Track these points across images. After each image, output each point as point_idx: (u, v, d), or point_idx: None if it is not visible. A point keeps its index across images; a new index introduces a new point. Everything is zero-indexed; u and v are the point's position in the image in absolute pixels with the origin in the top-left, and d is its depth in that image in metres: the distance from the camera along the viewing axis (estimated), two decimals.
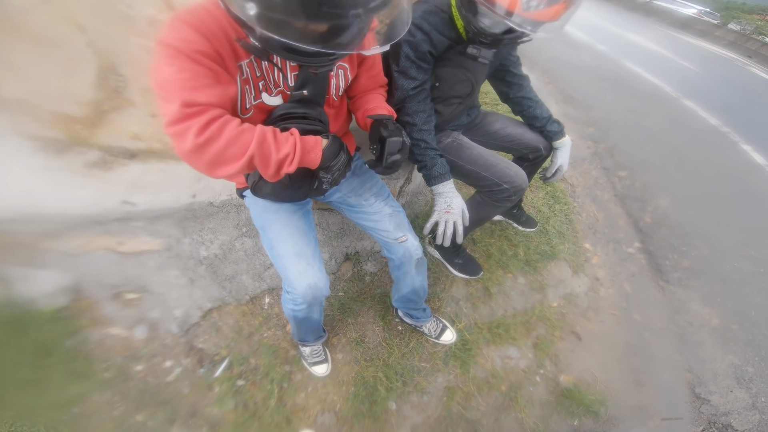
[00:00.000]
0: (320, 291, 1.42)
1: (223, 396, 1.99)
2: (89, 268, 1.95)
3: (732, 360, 2.75)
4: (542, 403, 2.34)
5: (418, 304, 1.91)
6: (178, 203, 1.79)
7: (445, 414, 2.20)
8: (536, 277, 2.32)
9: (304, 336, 1.93)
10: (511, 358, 2.30)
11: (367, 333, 2.15)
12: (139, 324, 2.03)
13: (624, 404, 2.50)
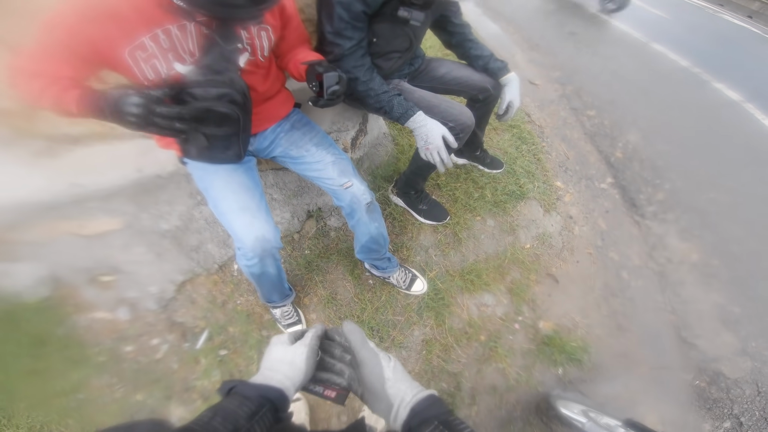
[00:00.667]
0: (269, 243, 1.39)
1: (209, 367, 1.97)
2: (60, 256, 1.91)
3: (716, 299, 2.68)
4: (523, 351, 2.30)
5: (381, 252, 1.85)
6: (126, 179, 1.75)
7: (426, 368, 2.18)
8: (506, 218, 2.22)
9: (269, 296, 1.88)
10: (487, 305, 2.26)
11: (338, 290, 2.11)
12: (120, 305, 2.00)
13: (607, 351, 2.45)
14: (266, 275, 1.63)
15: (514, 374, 2.31)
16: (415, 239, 2.07)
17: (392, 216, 2.02)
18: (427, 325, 2.17)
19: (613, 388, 2.51)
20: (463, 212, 2.14)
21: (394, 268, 2.01)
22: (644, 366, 2.58)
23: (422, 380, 2.19)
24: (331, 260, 2.04)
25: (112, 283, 2.02)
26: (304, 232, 2.00)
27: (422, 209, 2.01)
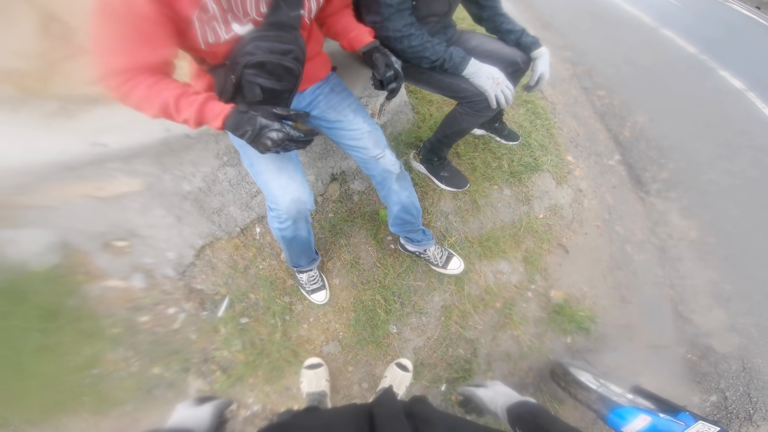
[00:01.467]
0: (304, 204, 1.36)
1: (230, 337, 1.92)
2: (72, 220, 1.80)
3: (710, 276, 2.74)
4: (536, 320, 2.30)
5: (415, 224, 1.80)
6: (151, 138, 1.65)
7: (445, 334, 2.18)
8: (521, 188, 2.23)
9: (296, 260, 1.83)
10: (503, 272, 2.24)
11: (361, 254, 2.06)
12: (134, 272, 1.91)
13: (612, 321, 2.48)
14: (298, 239, 1.59)
15: (527, 342, 2.36)
16: (436, 205, 2.05)
17: (414, 182, 1.94)
18: (447, 291, 2.15)
19: (616, 358, 2.57)
20: (481, 181, 2.13)
21: (429, 241, 1.94)
22: (644, 338, 2.65)
23: (440, 346, 2.23)
24: (354, 224, 1.99)
25: (127, 248, 1.91)
26: (328, 195, 1.95)
27: (443, 176, 2.00)
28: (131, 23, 0.90)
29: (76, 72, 1.58)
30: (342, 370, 2.09)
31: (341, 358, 2.09)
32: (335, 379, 2.06)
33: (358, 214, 2.00)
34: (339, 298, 2.07)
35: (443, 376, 2.23)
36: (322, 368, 1.98)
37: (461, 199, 2.07)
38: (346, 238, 2.00)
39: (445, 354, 2.20)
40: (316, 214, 1.97)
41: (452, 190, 2.06)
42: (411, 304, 2.11)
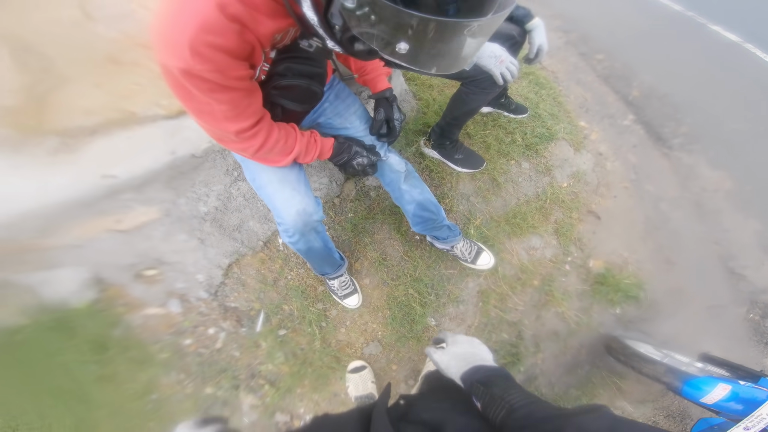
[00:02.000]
0: (310, 216, 1.24)
1: (271, 350, 1.81)
2: (100, 256, 1.73)
3: (755, 226, 2.47)
4: (578, 293, 2.09)
5: (437, 220, 1.64)
6: (158, 163, 1.57)
7: (485, 320, 1.98)
8: (539, 159, 2.06)
9: (321, 269, 1.71)
10: (536, 248, 2.05)
11: (387, 250, 1.91)
12: (170, 298, 1.83)
13: (661, 286, 2.25)
14: (313, 250, 1.45)
15: (573, 317, 2.12)
16: (455, 189, 1.89)
17: (429, 169, 1.86)
18: (481, 275, 1.97)
19: (672, 325, 2.29)
20: (497, 158, 1.97)
21: (456, 236, 1.77)
22: (699, 301, 2.37)
23: (483, 333, 2.01)
24: (376, 220, 1.86)
25: (158, 276, 1.83)
26: (345, 195, 1.84)
27: (458, 158, 1.86)
28: (237, 88, 0.84)
29: (66, 103, 1.48)
30: (386, 370, 1.92)
31: (383, 357, 1.92)
32: (381, 379, 1.90)
33: (377, 210, 1.87)
34: (372, 298, 1.91)
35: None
36: (366, 370, 1.82)
37: (480, 179, 1.90)
38: (369, 236, 1.85)
39: (488, 340, 1.99)
40: (336, 216, 1.83)
41: (469, 171, 1.93)
42: (446, 294, 1.92)
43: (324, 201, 1.80)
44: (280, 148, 1.07)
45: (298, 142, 1.11)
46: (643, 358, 1.90)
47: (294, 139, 1.10)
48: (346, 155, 1.22)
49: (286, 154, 1.10)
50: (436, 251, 1.91)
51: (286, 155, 1.10)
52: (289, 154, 1.10)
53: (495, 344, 2.01)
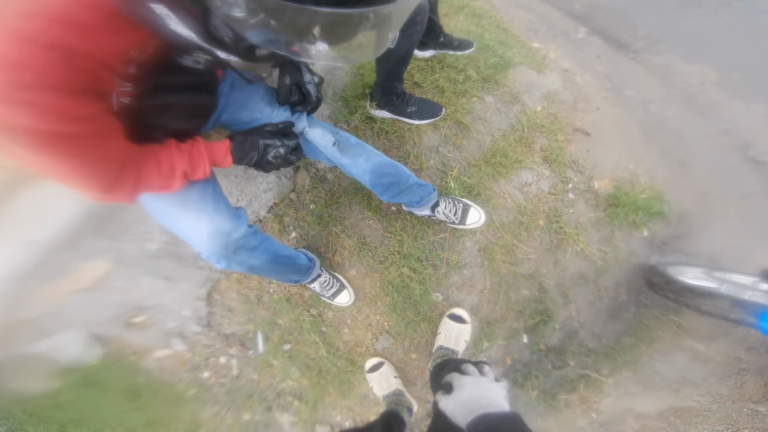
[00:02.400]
0: (227, 236, 0.75)
1: (284, 367, 1.27)
2: (81, 316, 1.26)
3: (760, 109, 1.67)
4: (593, 222, 1.34)
5: (401, 182, 1.03)
6: (74, 215, 1.08)
7: (498, 280, 1.25)
8: (502, 90, 1.37)
9: (287, 279, 1.10)
10: (529, 184, 1.33)
11: (364, 232, 1.25)
12: (170, 338, 1.33)
13: (683, 194, 1.47)
14: (256, 268, 0.87)
15: (596, 253, 1.35)
16: (419, 144, 1.25)
17: (383, 131, 1.24)
18: (476, 231, 1.27)
19: (713, 237, 1.43)
20: (455, 99, 1.31)
21: (430, 194, 1.12)
22: (729, 200, 1.59)
23: (500, 295, 1.33)
24: (341, 204, 1.23)
25: (147, 321, 1.31)
26: (300, 187, 1.23)
27: (412, 111, 1.25)
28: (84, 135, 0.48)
29: None
30: (406, 361, 1.28)
31: (399, 348, 1.28)
32: (403, 372, 1.28)
33: (339, 192, 1.24)
34: (365, 289, 1.27)
35: (518, 326, 1.31)
36: (384, 366, 1.23)
37: (443, 126, 1.25)
38: (339, 223, 1.24)
39: (508, 302, 1.29)
40: (297, 212, 1.22)
41: (428, 121, 1.28)
42: (443, 263, 1.26)
43: (279, 200, 1.22)
44: (156, 179, 0.64)
45: (177, 161, 0.65)
46: (696, 291, 1.14)
47: (171, 159, 0.65)
48: (255, 153, 0.76)
49: (169, 179, 0.65)
50: (419, 219, 1.25)
51: (170, 179, 0.65)
52: (171, 177, 0.65)
53: (516, 305, 1.32)
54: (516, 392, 1.37)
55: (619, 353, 1.41)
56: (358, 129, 1.21)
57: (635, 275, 1.43)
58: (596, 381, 1.40)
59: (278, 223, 1.22)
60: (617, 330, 1.44)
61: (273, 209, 1.21)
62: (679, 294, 1.24)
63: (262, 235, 0.82)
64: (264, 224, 1.22)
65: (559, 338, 1.39)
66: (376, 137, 1.22)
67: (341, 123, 1.23)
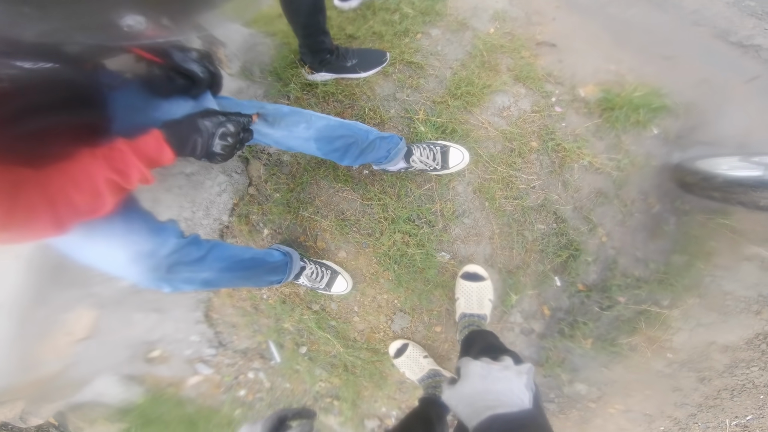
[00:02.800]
0: (152, 254, 0.42)
1: (310, 369, 0.90)
2: (98, 362, 0.94)
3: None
4: (592, 131, 0.88)
5: (360, 140, 0.64)
6: (18, 269, 0.74)
7: (505, 219, 0.80)
8: (447, 20, 0.95)
9: (264, 283, 0.70)
10: (507, 107, 0.88)
11: (341, 207, 0.85)
12: (194, 365, 0.98)
13: (681, 84, 0.98)
14: (213, 282, 0.51)
15: (608, 163, 0.83)
16: (373, 97, 0.86)
17: (330, 94, 0.86)
18: (462, 172, 0.83)
19: (733, 121, 0.92)
20: (398, 41, 0.91)
21: (397, 145, 0.72)
22: (734, 84, 1.06)
23: (513, 237, 0.85)
24: (306, 184, 0.84)
25: (164, 353, 0.97)
26: (256, 179, 0.86)
27: (353, 65, 0.86)
28: None
29: None
30: (431, 336, 0.84)
31: (419, 324, 0.84)
32: (432, 348, 0.85)
33: (300, 171, 0.84)
34: (361, 269, 0.84)
35: (545, 269, 0.80)
36: (410, 347, 0.82)
37: (394, 71, 0.86)
38: (310, 204, 0.83)
39: (525, 243, 0.81)
40: (261, 206, 0.84)
41: (374, 70, 0.88)
42: (439, 216, 0.82)
43: (238, 199, 0.84)
44: (81, 199, 0.33)
45: (96, 171, 0.34)
46: (742, 183, 0.64)
47: (88, 172, 0.34)
48: (197, 136, 0.41)
49: (95, 196, 0.35)
50: (397, 176, 0.83)
51: (96, 197, 0.35)
52: (96, 193, 0.35)
53: (534, 244, 0.83)
54: (567, 345, 0.86)
55: (675, 277, 0.88)
56: (301, 100, 0.81)
57: (662, 179, 0.92)
58: (658, 316, 0.87)
59: (245, 223, 0.83)
60: (663, 249, 0.91)
61: (235, 210, 0.82)
62: (726, 191, 0.74)
63: (207, 243, 0.50)
64: (230, 229, 0.84)
65: (597, 273, 0.89)
66: (323, 102, 0.84)
67: (281, 99, 0.85)
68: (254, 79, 0.84)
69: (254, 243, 0.84)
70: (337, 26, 0.81)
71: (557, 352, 0.89)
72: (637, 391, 0.93)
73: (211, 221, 0.82)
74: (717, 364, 0.87)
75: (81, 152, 0.35)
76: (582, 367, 0.91)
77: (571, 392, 0.92)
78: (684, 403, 0.92)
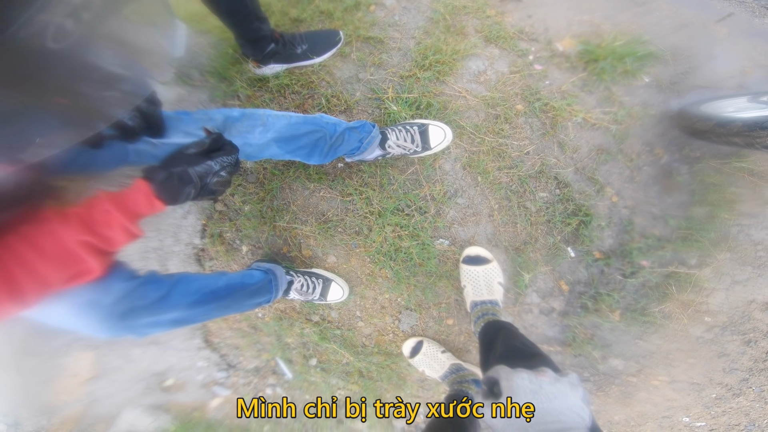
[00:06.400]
0: (95, 304, 0.23)
1: (325, 379, 0.63)
2: (115, 398, 0.71)
3: None
4: (579, 86, 0.57)
5: (328, 133, 0.41)
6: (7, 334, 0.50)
7: (502, 194, 0.51)
8: None
9: (250, 307, 0.43)
10: (482, 71, 0.59)
11: (320, 208, 0.57)
12: (210, 388, 0.73)
13: (661, 31, 0.63)
14: (185, 320, 0.28)
15: (603, 117, 0.54)
16: (333, 82, 0.56)
17: (284, 86, 0.55)
18: (448, 150, 0.53)
19: (726, 62, 0.58)
20: (349, 17, 0.59)
21: (369, 133, 0.45)
22: (712, 24, 0.78)
23: (514, 211, 0.56)
24: (277, 189, 0.55)
25: (178, 380, 0.72)
26: (222, 197, 0.57)
27: (303, 51, 0.53)
28: None
29: None
30: (444, 331, 0.53)
31: (428, 320, 0.54)
32: (448, 343, 0.53)
33: (268, 177, 0.55)
34: (355, 271, 0.58)
35: (555, 240, 0.49)
36: (425, 345, 0.52)
37: (351, 51, 0.57)
38: (285, 211, 0.55)
39: (528, 215, 0.53)
40: (233, 223, 0.55)
41: (329, 53, 0.56)
42: (429, 201, 0.57)
43: (206, 219, 0.58)
44: (49, 271, 0.20)
45: (67, 235, 0.19)
46: (759, 124, 0.35)
47: (56, 238, 0.19)
48: (190, 187, 0.24)
49: (70, 262, 0.20)
50: (375, 164, 0.56)
51: (72, 263, 0.20)
52: (73, 260, 0.20)
53: (539, 215, 0.55)
54: (593, 321, 0.58)
55: (699, 232, 0.58)
56: (254, 97, 0.56)
57: (665, 127, 0.63)
58: (688, 277, 0.58)
59: (220, 243, 0.59)
60: (680, 202, 0.61)
61: (206, 231, 0.59)
62: (748, 135, 0.46)
63: (170, 278, 0.33)
64: (206, 252, 0.59)
65: (613, 237, 0.60)
66: (280, 97, 0.59)
67: (231, 101, 0.59)
68: (194, 84, 0.60)
69: (234, 262, 0.59)
70: (279, 11, 0.56)
71: (583, 329, 0.61)
72: (680, 361, 0.64)
73: (182, 247, 0.57)
74: (761, 324, 0.59)
75: (45, 214, 0.23)
76: (614, 342, 0.63)
77: (606, 369, 0.64)
78: (733, 369, 0.62)
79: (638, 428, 0.65)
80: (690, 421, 0.63)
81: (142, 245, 0.54)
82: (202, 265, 0.59)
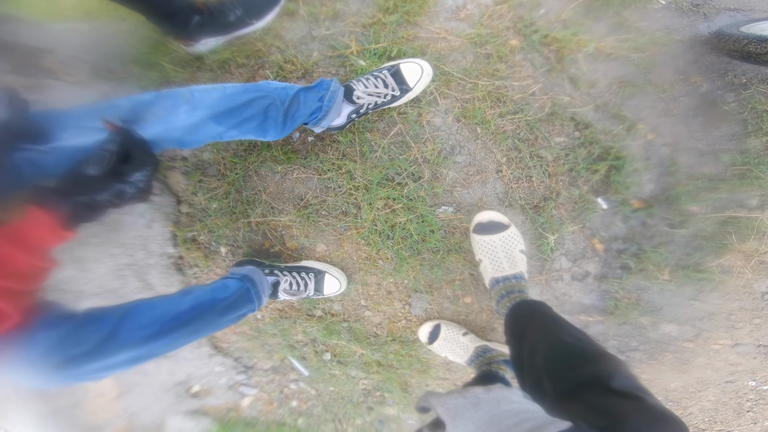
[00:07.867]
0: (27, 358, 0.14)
1: (346, 371, 0.52)
2: (153, 409, 0.62)
3: None
4: (584, 13, 0.39)
5: (278, 102, 0.28)
6: None
7: (508, 144, 0.34)
8: None
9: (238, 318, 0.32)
10: (463, 6, 0.41)
11: (297, 191, 0.43)
12: (237, 389, 0.63)
13: None
14: (144, 357, 0.18)
15: (620, 45, 0.30)
16: (283, 47, 0.37)
17: (227, 61, 0.38)
18: (433, 99, 0.38)
19: None
20: None
21: (328, 88, 0.30)
22: None
23: (524, 161, 0.40)
24: (243, 178, 0.40)
25: (204, 386, 0.63)
26: (183, 193, 0.41)
27: (238, 17, 0.34)
28: None
29: None
30: (462, 311, 0.36)
31: (442, 300, 0.37)
32: (468, 323, 0.36)
33: (229, 167, 0.39)
34: (351, 256, 0.45)
35: (581, 191, 0.30)
36: (443, 328, 0.36)
37: (297, 7, 0.37)
38: (257, 203, 0.39)
39: (544, 164, 0.36)
40: (202, 223, 0.42)
41: (271, 14, 0.36)
42: (421, 165, 0.43)
43: (173, 225, 0.44)
44: None
45: None
46: None
47: None
48: (97, 213, 0.17)
49: None
50: (351, 130, 0.41)
51: None
52: None
53: (558, 164, 0.35)
54: (638, 283, 0.41)
55: (758, 166, 0.40)
56: (193, 80, 0.41)
57: (699, 54, 0.44)
58: (749, 222, 0.39)
59: (196, 249, 0.46)
60: (731, 133, 0.43)
61: (176, 238, 0.48)
62: None
63: (115, 311, 0.23)
64: (184, 260, 0.49)
65: (653, 182, 0.43)
66: (225, 74, 0.44)
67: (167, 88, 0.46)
68: (119, 77, 0.48)
69: (216, 266, 0.48)
70: None
71: (627, 294, 0.45)
72: (744, 321, 0.47)
73: (157, 259, 0.46)
74: None
75: None
76: (665, 305, 0.46)
77: (658, 336, 0.48)
78: None
79: (698, 394, 0.49)
80: (756, 385, 0.47)
81: (112, 264, 0.43)
82: (184, 273, 0.48)
